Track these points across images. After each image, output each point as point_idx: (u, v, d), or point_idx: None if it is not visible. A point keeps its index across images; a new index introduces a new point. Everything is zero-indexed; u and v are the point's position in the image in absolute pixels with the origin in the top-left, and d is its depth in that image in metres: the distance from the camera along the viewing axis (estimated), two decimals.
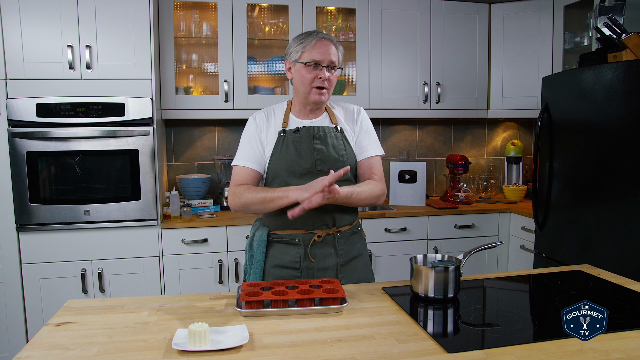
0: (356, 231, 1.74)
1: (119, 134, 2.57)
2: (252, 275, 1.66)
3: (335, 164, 1.62)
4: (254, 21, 3.10)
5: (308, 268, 1.64)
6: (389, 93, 3.19)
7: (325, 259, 1.64)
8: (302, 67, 1.61)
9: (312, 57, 1.59)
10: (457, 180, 3.38)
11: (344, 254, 1.67)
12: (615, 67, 2.22)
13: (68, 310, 1.32)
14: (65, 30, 2.51)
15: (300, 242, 1.64)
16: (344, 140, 1.68)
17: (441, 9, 3.21)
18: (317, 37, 1.61)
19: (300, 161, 1.61)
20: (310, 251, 1.63)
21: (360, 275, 1.71)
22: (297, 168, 1.61)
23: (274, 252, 1.66)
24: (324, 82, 1.61)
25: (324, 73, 1.60)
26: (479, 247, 1.49)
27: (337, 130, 1.68)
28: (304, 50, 1.61)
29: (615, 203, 2.22)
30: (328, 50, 1.60)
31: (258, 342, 1.11)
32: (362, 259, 1.74)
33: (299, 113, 1.70)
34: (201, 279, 2.73)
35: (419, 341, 1.11)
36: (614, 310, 1.24)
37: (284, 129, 1.66)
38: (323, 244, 1.64)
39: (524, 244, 3.02)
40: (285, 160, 1.62)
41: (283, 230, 1.65)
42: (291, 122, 1.68)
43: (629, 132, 2.14)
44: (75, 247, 2.58)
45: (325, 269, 1.64)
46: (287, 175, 1.62)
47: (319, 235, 1.62)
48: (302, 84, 1.63)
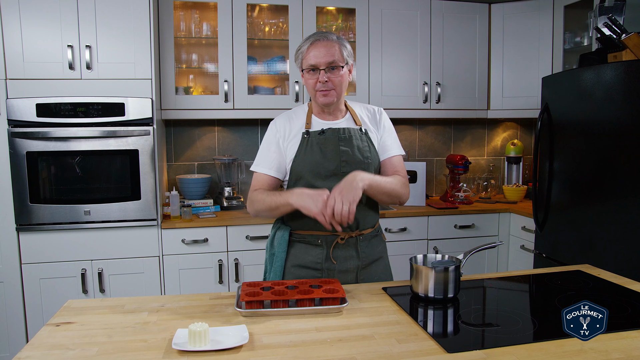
0: (377, 234, 1.73)
1: (119, 134, 2.57)
2: (273, 274, 1.65)
3: (360, 165, 1.60)
4: (254, 21, 3.10)
5: (329, 269, 1.63)
6: (389, 93, 3.19)
7: (347, 261, 1.64)
8: (304, 73, 1.61)
9: (308, 63, 1.58)
10: (457, 180, 3.38)
11: (365, 257, 1.67)
12: (615, 67, 2.22)
13: (68, 310, 1.32)
14: (65, 30, 2.51)
15: (322, 244, 1.63)
16: (368, 142, 1.67)
17: (441, 9, 3.21)
18: (311, 41, 1.59)
19: (326, 163, 1.60)
20: (332, 253, 1.63)
21: (380, 279, 1.70)
22: (322, 170, 1.60)
23: (295, 251, 1.65)
24: (326, 84, 1.59)
25: (322, 76, 1.57)
26: (479, 247, 1.49)
27: (362, 132, 1.67)
28: (302, 57, 1.60)
29: (615, 203, 2.22)
30: (324, 52, 1.57)
31: (258, 342, 1.11)
32: (382, 262, 1.73)
33: (319, 114, 1.69)
34: (201, 279, 2.73)
35: (419, 341, 1.11)
36: (614, 310, 1.24)
37: (308, 130, 1.64)
38: (345, 246, 1.63)
39: (524, 244, 3.02)
40: (309, 162, 1.60)
41: (305, 230, 1.64)
42: (314, 124, 1.67)
43: (629, 132, 2.14)
44: (75, 247, 2.58)
45: (345, 271, 1.64)
46: (311, 177, 1.60)
47: (342, 237, 1.62)
48: (308, 90, 1.64)
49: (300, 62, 1.62)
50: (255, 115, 3.00)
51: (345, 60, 1.61)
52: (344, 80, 1.61)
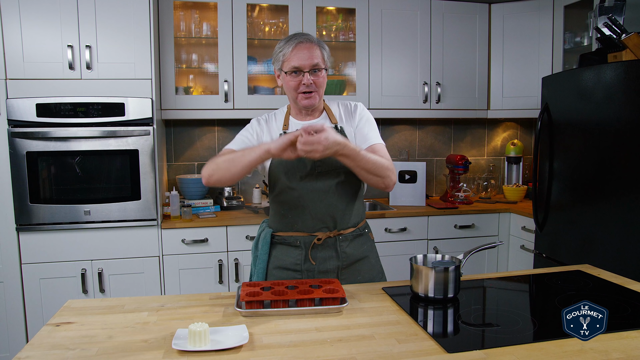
0: (361, 233, 1.72)
1: (119, 134, 2.57)
2: (256, 276, 1.66)
3: (336, 164, 1.59)
4: (254, 21, 3.10)
5: (308, 270, 1.63)
6: (389, 93, 3.19)
7: (326, 261, 1.64)
8: (285, 75, 1.60)
9: (292, 65, 1.57)
10: (457, 180, 3.37)
11: (346, 257, 1.66)
12: (615, 67, 2.22)
13: (68, 310, 1.32)
14: (65, 30, 2.51)
15: (301, 244, 1.63)
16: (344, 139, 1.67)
17: (441, 9, 3.21)
18: (294, 43, 1.57)
19: (300, 164, 1.60)
20: (310, 254, 1.63)
21: (364, 278, 1.69)
22: (297, 171, 1.60)
23: (277, 253, 1.67)
24: (310, 87, 1.59)
25: (307, 78, 1.57)
26: (479, 247, 1.48)
27: (337, 129, 1.67)
28: (284, 58, 1.58)
29: (615, 203, 2.22)
30: (308, 54, 1.56)
31: (258, 342, 1.11)
32: (368, 261, 1.72)
33: (297, 115, 1.70)
34: (201, 279, 2.73)
35: (419, 341, 1.11)
36: (614, 310, 1.24)
37: (285, 131, 1.65)
38: (324, 246, 1.63)
39: (524, 244, 3.02)
40: (284, 163, 1.60)
41: (285, 232, 1.66)
42: (291, 125, 1.68)
43: (629, 132, 2.14)
44: (75, 247, 2.58)
45: (325, 271, 1.64)
46: (287, 178, 1.61)
47: (319, 238, 1.62)
48: (289, 91, 1.63)
49: (281, 63, 1.60)
50: (255, 115, 2.98)
51: (326, 63, 1.63)
52: (324, 82, 1.63)
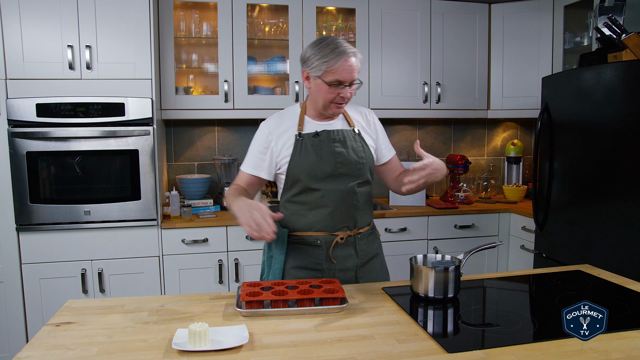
0: (372, 231, 1.76)
1: (119, 134, 2.57)
2: (272, 276, 1.66)
3: (355, 166, 1.63)
4: (254, 21, 3.10)
5: (329, 269, 1.65)
6: (389, 93, 3.19)
7: (346, 259, 1.66)
8: (324, 84, 1.56)
9: (336, 78, 1.53)
10: (457, 180, 3.37)
11: (364, 255, 1.69)
12: (615, 67, 2.22)
13: (68, 310, 1.32)
14: (65, 30, 2.51)
15: (322, 244, 1.64)
16: (362, 143, 1.68)
17: (441, 9, 3.21)
18: (343, 57, 1.52)
19: (322, 165, 1.60)
20: (332, 252, 1.64)
21: (378, 275, 1.73)
22: (319, 172, 1.61)
23: (294, 253, 1.66)
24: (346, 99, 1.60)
25: (346, 92, 1.57)
26: (479, 247, 1.49)
27: (355, 132, 1.69)
28: (327, 69, 1.52)
29: (615, 203, 2.22)
30: (353, 68, 1.54)
31: (258, 342, 1.11)
32: (379, 258, 1.77)
33: (315, 117, 1.68)
34: (201, 279, 2.73)
35: (419, 341, 1.11)
36: (614, 310, 1.24)
37: (300, 132, 1.64)
38: (344, 245, 1.65)
39: (524, 244, 3.02)
40: (305, 164, 1.61)
41: (304, 231, 1.65)
42: (307, 125, 1.66)
43: (629, 132, 2.14)
44: (75, 247, 2.58)
45: (345, 269, 1.66)
46: (308, 179, 1.61)
47: (342, 237, 1.63)
48: (322, 99, 1.59)
49: (322, 72, 1.54)
50: (255, 115, 3.00)
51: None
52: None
